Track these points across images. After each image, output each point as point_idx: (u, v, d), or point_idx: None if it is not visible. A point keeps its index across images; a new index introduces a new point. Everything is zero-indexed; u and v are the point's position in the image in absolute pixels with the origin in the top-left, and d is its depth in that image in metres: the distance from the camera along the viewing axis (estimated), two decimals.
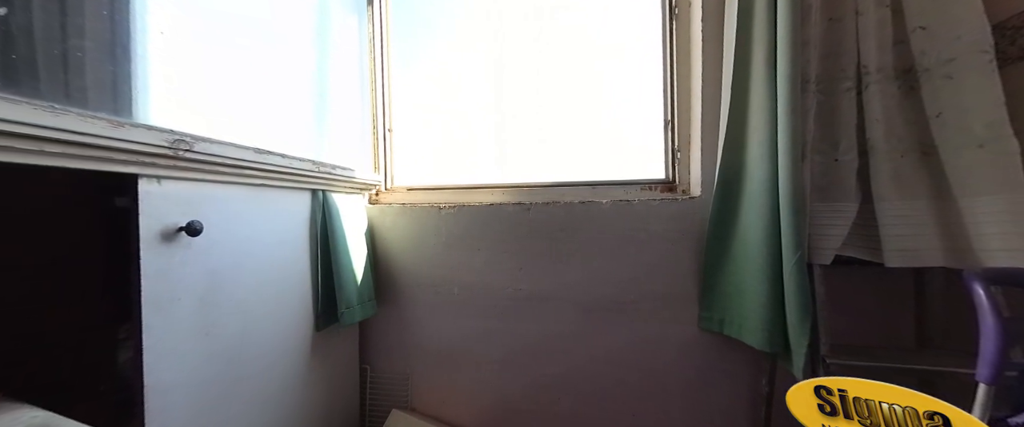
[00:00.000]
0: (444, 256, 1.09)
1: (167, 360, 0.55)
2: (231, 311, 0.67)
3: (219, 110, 0.65)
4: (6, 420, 0.42)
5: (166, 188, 0.55)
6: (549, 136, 1.15)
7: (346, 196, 1.02)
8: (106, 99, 0.50)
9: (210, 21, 0.65)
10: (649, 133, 1.06)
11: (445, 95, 1.24)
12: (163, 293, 0.55)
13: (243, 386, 0.69)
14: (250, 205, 0.72)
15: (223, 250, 0.65)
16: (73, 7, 0.48)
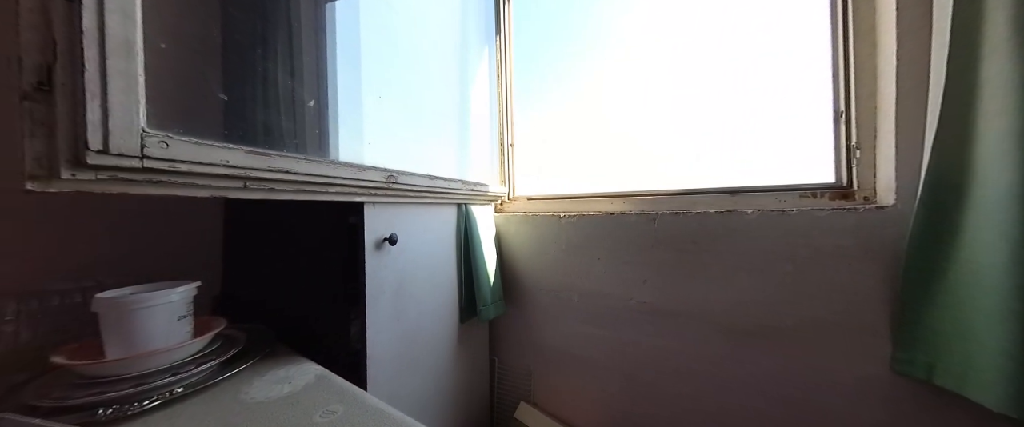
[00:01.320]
0: (564, 263, 1.14)
1: (377, 336, 0.75)
2: (411, 302, 0.85)
3: (405, 146, 0.84)
4: (302, 368, 0.64)
5: (378, 210, 0.75)
6: (676, 139, 1.09)
7: (480, 207, 1.17)
8: (352, 149, 0.71)
9: (399, 79, 0.85)
10: (807, 128, 0.90)
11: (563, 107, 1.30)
12: (375, 287, 0.75)
13: (417, 361, 0.87)
14: (421, 219, 0.90)
15: (407, 255, 0.84)
16: (330, 93, 0.70)
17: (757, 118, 0.97)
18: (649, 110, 1.14)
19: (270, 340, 0.70)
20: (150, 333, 0.55)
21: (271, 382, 0.59)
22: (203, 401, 0.53)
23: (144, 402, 0.49)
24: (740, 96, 0.99)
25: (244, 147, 0.43)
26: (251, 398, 0.54)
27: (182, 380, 0.55)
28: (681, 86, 1.08)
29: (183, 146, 0.37)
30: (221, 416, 0.49)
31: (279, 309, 0.81)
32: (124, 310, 0.53)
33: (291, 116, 0.64)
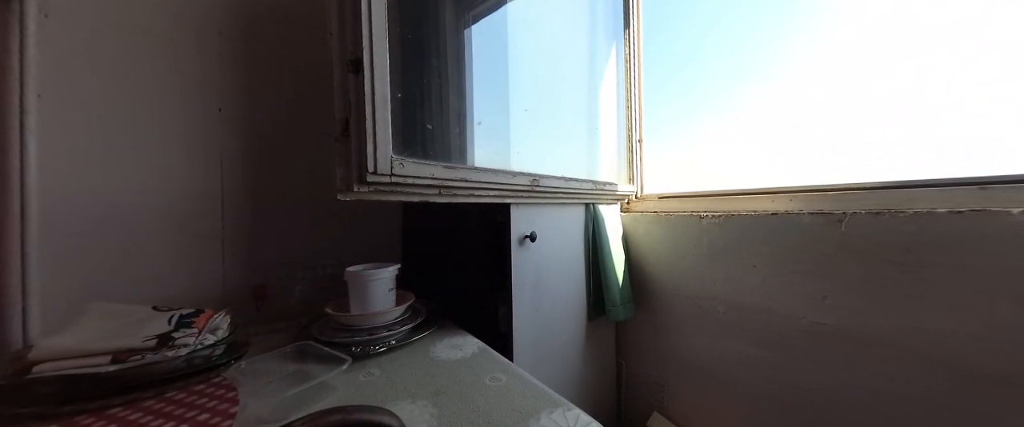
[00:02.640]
0: (706, 269, 1.04)
1: (521, 322, 0.85)
2: (545, 296, 0.93)
3: (544, 151, 0.92)
4: (467, 340, 0.78)
5: (521, 210, 0.85)
6: (868, 118, 0.86)
7: (607, 206, 1.17)
8: (502, 157, 0.83)
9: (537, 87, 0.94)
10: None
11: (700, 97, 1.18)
12: (518, 279, 0.85)
13: (552, 352, 0.95)
14: (554, 218, 0.97)
15: (542, 252, 0.92)
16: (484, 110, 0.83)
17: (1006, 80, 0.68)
18: (824, 87, 0.93)
19: (441, 315, 0.88)
20: (375, 298, 0.77)
21: (448, 347, 0.74)
22: (408, 352, 0.71)
23: (377, 347, 0.69)
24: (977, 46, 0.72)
25: (441, 163, 0.57)
26: (437, 356, 0.69)
27: (393, 335, 0.75)
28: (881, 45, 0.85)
29: (410, 165, 0.52)
30: (422, 365, 0.65)
31: (442, 290, 1.00)
32: (362, 280, 0.77)
33: (460, 133, 0.79)
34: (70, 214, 0.74)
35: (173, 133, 0.86)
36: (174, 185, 0.86)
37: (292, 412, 0.50)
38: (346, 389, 0.57)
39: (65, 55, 0.74)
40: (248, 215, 0.96)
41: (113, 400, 0.52)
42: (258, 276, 0.96)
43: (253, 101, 0.97)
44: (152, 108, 0.83)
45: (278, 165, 1.01)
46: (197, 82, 0.89)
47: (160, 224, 0.84)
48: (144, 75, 0.82)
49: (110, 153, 0.78)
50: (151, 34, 0.83)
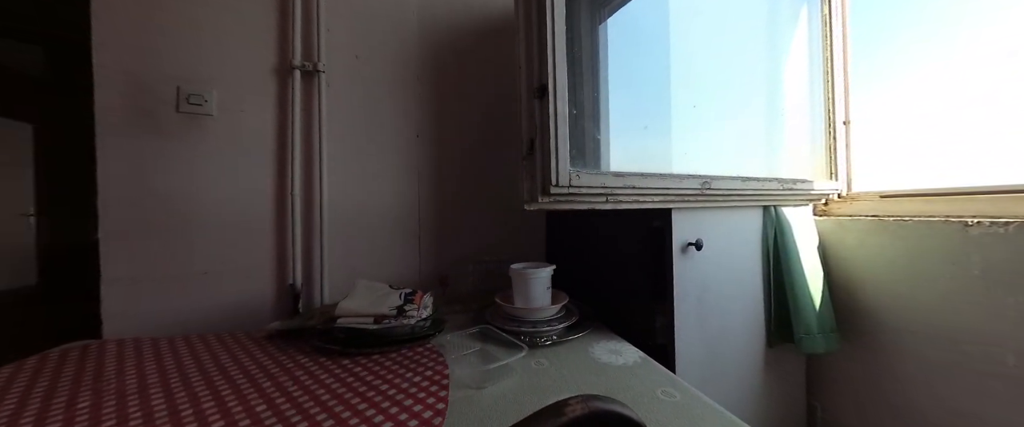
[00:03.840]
0: (973, 299, 0.73)
1: (683, 337, 0.79)
2: (713, 311, 0.83)
3: (716, 148, 0.83)
4: (624, 347, 0.77)
5: (684, 215, 0.78)
6: None
7: (793, 209, 0.96)
8: (665, 159, 0.80)
9: (703, 82, 0.85)
10: None
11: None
12: (681, 289, 0.79)
13: (721, 376, 0.84)
14: (724, 224, 0.85)
15: (710, 261, 0.82)
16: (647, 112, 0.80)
17: None
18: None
19: (593, 318, 0.90)
20: (536, 295, 0.85)
21: (606, 351, 0.75)
22: (568, 349, 0.76)
23: (544, 340, 0.76)
24: None
25: (611, 172, 0.59)
26: (598, 358, 0.71)
27: (553, 331, 0.81)
28: None
29: (585, 176, 0.56)
30: (584, 364, 0.69)
31: (587, 291, 1.02)
32: (525, 277, 0.86)
33: (623, 139, 0.80)
34: (342, 219, 1.10)
35: (390, 156, 1.16)
36: (391, 196, 1.16)
37: (488, 382, 0.61)
38: (524, 373, 0.65)
39: (339, 108, 1.09)
40: (436, 219, 1.21)
41: (373, 349, 0.74)
42: (443, 267, 1.20)
43: (440, 129, 1.22)
44: (381, 139, 1.15)
45: (456, 179, 1.24)
46: (403, 116, 1.17)
47: (385, 225, 1.15)
48: (378, 116, 1.14)
49: (362, 174, 1.12)
50: (379, 85, 1.15)
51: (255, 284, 1.01)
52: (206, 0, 0.96)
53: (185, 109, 0.94)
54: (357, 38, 1.11)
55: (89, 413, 0.52)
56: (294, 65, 1.02)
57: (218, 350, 0.75)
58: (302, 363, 0.69)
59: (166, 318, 0.92)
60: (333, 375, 0.64)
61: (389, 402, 0.55)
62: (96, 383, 0.60)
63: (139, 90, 0.91)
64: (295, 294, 1.02)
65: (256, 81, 1.01)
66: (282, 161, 1.03)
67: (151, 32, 0.91)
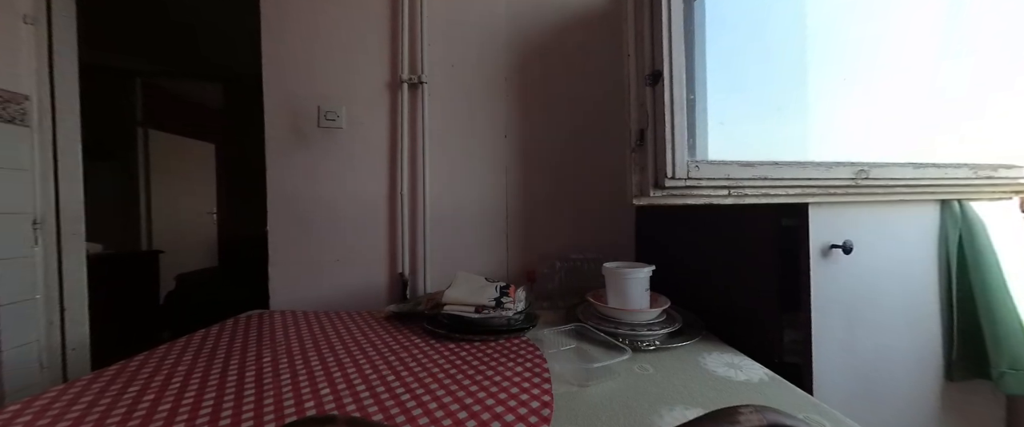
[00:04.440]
0: None
1: (825, 357, 0.66)
2: (867, 329, 0.68)
3: (875, 126, 0.68)
4: (744, 362, 0.68)
5: (825, 211, 0.66)
6: None
7: (990, 203, 0.73)
8: (799, 144, 0.68)
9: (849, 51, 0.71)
10: None
11: None
12: (821, 300, 0.66)
13: (876, 410, 0.68)
14: (884, 223, 0.69)
15: (861, 268, 0.68)
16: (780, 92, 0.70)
17: None
18: None
19: (700, 327, 0.82)
20: (633, 296, 0.81)
21: (721, 363, 0.67)
22: (674, 357, 0.70)
23: (646, 344, 0.72)
24: None
25: (736, 161, 0.52)
26: (712, 370, 0.64)
27: (654, 336, 0.75)
28: None
29: (705, 167, 0.51)
30: (696, 375, 0.62)
31: (690, 297, 0.92)
32: (622, 277, 0.82)
33: (749, 125, 0.71)
34: (441, 216, 1.19)
35: (481, 157, 1.22)
36: (481, 195, 1.22)
37: (590, 381, 0.60)
38: (627, 377, 0.62)
39: (438, 115, 1.19)
40: (523, 216, 1.24)
41: (474, 336, 0.79)
42: (530, 263, 1.22)
43: (526, 128, 1.24)
44: (473, 141, 1.22)
45: (542, 177, 1.25)
46: (493, 118, 1.23)
47: (476, 221, 1.22)
48: (471, 119, 1.22)
49: (457, 175, 1.21)
50: (472, 90, 1.22)
51: (372, 271, 1.16)
52: (338, 27, 1.14)
53: (324, 124, 1.13)
54: (453, 48, 1.20)
55: (271, 364, 0.66)
56: (402, 79, 1.15)
57: (350, 324, 0.88)
58: (416, 343, 0.77)
59: (311, 295, 1.12)
60: (443, 356, 0.70)
61: (497, 388, 0.57)
62: (272, 342, 0.76)
63: (293, 112, 1.13)
64: (404, 282, 1.14)
65: (374, 96, 1.16)
66: (392, 164, 1.17)
67: (301, 64, 1.13)
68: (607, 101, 1.26)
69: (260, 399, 0.54)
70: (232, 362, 0.67)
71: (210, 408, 0.51)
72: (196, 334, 0.80)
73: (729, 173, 0.51)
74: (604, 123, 1.27)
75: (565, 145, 1.26)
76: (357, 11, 1.15)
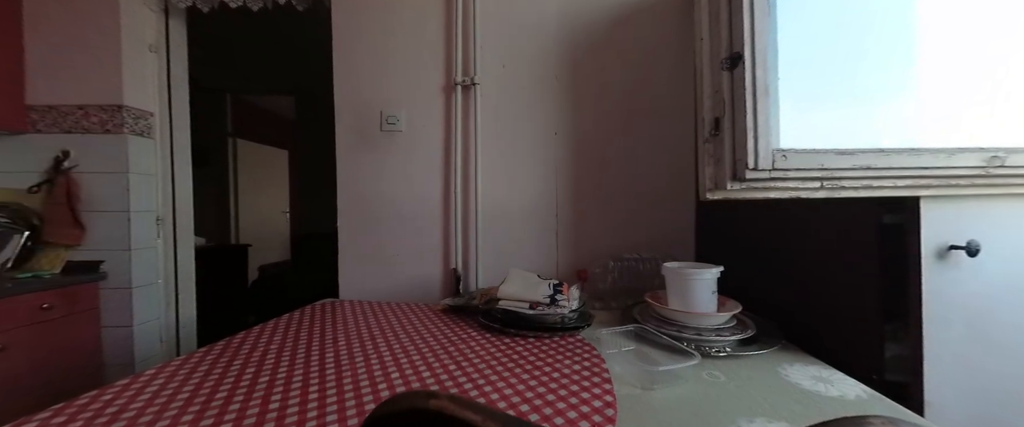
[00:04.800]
0: None
1: (940, 377, 0.56)
2: (996, 348, 0.57)
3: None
4: (834, 375, 0.61)
5: (940, 206, 0.56)
6: None
7: None
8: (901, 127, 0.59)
9: None
10: None
11: None
12: (935, 310, 0.57)
13: None
14: (1019, 221, 0.57)
15: (991, 274, 0.57)
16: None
17: None
18: None
19: (778, 336, 0.74)
20: (698, 298, 0.76)
21: (806, 376, 0.60)
22: (747, 366, 0.64)
23: (716, 350, 0.67)
24: None
25: (833, 148, 0.47)
26: (796, 383, 0.58)
27: (724, 342, 0.70)
28: None
29: (795, 157, 0.46)
30: (777, 387, 0.57)
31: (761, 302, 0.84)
32: (686, 278, 0.77)
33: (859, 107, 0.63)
34: (491, 213, 1.22)
35: (530, 155, 1.23)
36: (531, 192, 1.23)
37: (655, 385, 0.57)
38: (695, 383, 0.58)
39: (489, 115, 1.22)
40: (573, 213, 1.22)
41: (528, 332, 0.80)
42: (580, 262, 1.20)
43: (577, 124, 1.22)
44: (522, 139, 1.23)
45: (593, 173, 1.22)
46: (542, 115, 1.22)
47: (525, 219, 1.22)
48: (521, 118, 1.22)
49: (507, 173, 1.22)
50: (522, 89, 1.22)
51: (427, 266, 1.22)
52: (399, 38, 1.21)
53: (385, 128, 1.21)
54: (504, 49, 1.21)
55: (346, 348, 0.72)
56: (456, 82, 1.19)
57: (409, 315, 0.94)
58: (471, 335, 0.79)
59: (374, 286, 1.21)
60: (499, 349, 0.71)
61: (557, 384, 0.57)
62: (344, 328, 0.83)
63: (358, 118, 1.22)
64: (457, 277, 1.18)
65: (430, 100, 1.22)
66: (446, 164, 1.22)
67: (366, 74, 1.22)
68: (663, 93, 1.20)
69: (339, 378, 0.59)
70: (314, 343, 0.74)
71: (299, 382, 0.57)
72: (282, 318, 0.90)
73: (823, 163, 0.45)
74: (660, 116, 1.20)
75: (617, 141, 1.22)
76: (416, 22, 1.21)
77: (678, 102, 1.19)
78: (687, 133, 1.19)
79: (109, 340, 1.20)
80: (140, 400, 0.51)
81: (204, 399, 0.52)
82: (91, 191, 1.19)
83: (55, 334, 1.07)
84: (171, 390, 0.54)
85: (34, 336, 1.02)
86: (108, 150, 1.19)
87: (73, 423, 0.46)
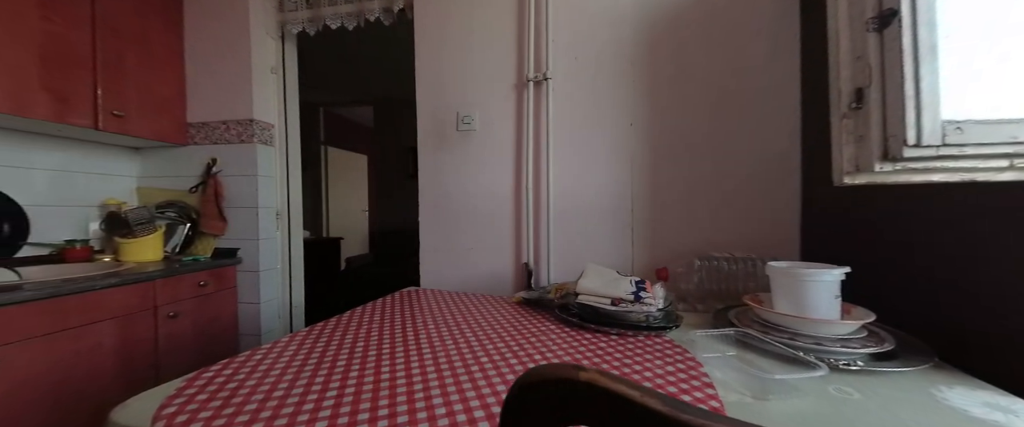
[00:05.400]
0: None
1: None
2: None
3: None
4: (1018, 406, 0.48)
5: None
6: None
7: None
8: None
9: None
10: None
11: None
12: None
13: None
14: None
15: None
16: None
17: None
18: None
19: (928, 353, 0.61)
20: (817, 303, 0.66)
21: (975, 402, 0.49)
22: (887, 384, 0.54)
23: (845, 363, 0.58)
24: None
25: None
26: (962, 410, 0.47)
27: (855, 355, 0.60)
28: None
29: (974, 129, 0.38)
30: (935, 411, 0.47)
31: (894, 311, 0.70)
32: (799, 280, 0.68)
33: None
34: (563, 208, 1.21)
35: (604, 148, 1.19)
36: (604, 187, 1.19)
37: (770, 395, 0.51)
38: (819, 399, 0.51)
39: (560, 109, 1.21)
40: (651, 208, 1.15)
41: (610, 329, 0.77)
42: (660, 260, 1.12)
43: (656, 113, 1.15)
44: (595, 132, 1.19)
45: (675, 165, 1.14)
46: (617, 106, 1.17)
47: (598, 214, 1.19)
48: (593, 110, 1.19)
49: (579, 167, 1.20)
50: (595, 80, 1.19)
51: (499, 260, 1.26)
52: (474, 42, 1.27)
53: (461, 128, 1.27)
54: (576, 40, 1.19)
55: (424, 327, 0.77)
56: (528, 78, 1.20)
57: (487, 305, 0.97)
58: (550, 328, 0.79)
59: (450, 277, 1.28)
60: (582, 344, 0.70)
61: (651, 384, 0.54)
62: (430, 313, 0.89)
63: (437, 121, 1.30)
64: (528, 271, 1.20)
65: (502, 98, 1.25)
66: (518, 160, 1.24)
67: (444, 78, 1.29)
68: (756, 68, 1.07)
69: (434, 356, 0.63)
70: (408, 324, 0.81)
71: (402, 356, 0.63)
72: (377, 301, 1.00)
73: (1016, 134, 0.36)
74: (753, 96, 1.08)
75: (702, 127, 1.12)
76: (490, 25, 1.25)
77: (776, 78, 1.05)
78: (789, 112, 1.05)
79: (243, 314, 1.46)
80: (284, 358, 0.61)
81: (330, 361, 0.60)
82: (231, 191, 1.46)
83: (209, 306, 1.33)
84: (304, 353, 0.64)
85: (195, 307, 1.28)
86: (242, 157, 1.44)
87: (238, 373, 0.56)
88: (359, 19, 1.43)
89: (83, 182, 1.38)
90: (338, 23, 1.43)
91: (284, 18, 1.50)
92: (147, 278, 1.12)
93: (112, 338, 1.02)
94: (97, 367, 0.99)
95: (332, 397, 0.50)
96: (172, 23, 1.44)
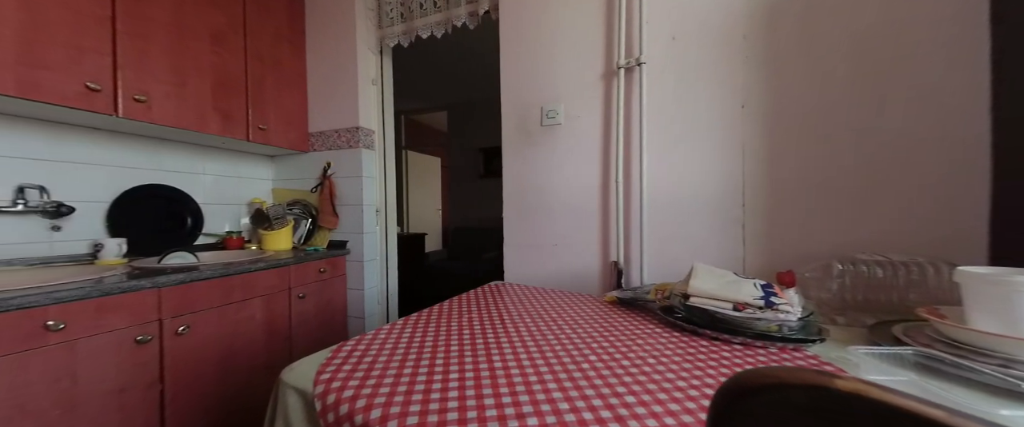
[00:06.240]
0: None
1: None
2: None
3: None
4: None
5: None
6: None
7: None
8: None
9: None
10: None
11: None
12: None
13: None
14: None
15: None
16: None
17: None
18: None
19: None
20: None
21: None
22: None
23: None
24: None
25: None
26: None
27: None
28: None
29: None
30: None
31: None
32: (1011, 289, 0.52)
33: None
34: (659, 204, 1.11)
35: (706, 135, 1.06)
36: (708, 179, 1.06)
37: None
38: None
39: (655, 95, 1.12)
40: (767, 202, 1.00)
41: (733, 337, 0.68)
42: (781, 262, 0.97)
43: (774, 93, 1.00)
44: (696, 119, 1.08)
45: (798, 152, 0.97)
46: (724, 87, 1.04)
47: (701, 210, 1.07)
48: (693, 94, 1.08)
49: (677, 158, 1.10)
50: (697, 60, 1.07)
51: (586, 257, 1.21)
52: (559, 34, 1.24)
53: (545, 123, 1.26)
54: (674, 18, 1.09)
55: (521, 320, 0.77)
56: (619, 65, 1.14)
57: (577, 303, 0.94)
58: (656, 331, 0.73)
59: (534, 272, 1.28)
60: (701, 352, 0.63)
61: None
62: (518, 307, 0.90)
63: (521, 117, 1.31)
64: (618, 270, 1.14)
65: (588, 89, 1.21)
66: (606, 153, 1.18)
67: (527, 75, 1.30)
68: (925, 21, 0.85)
69: (540, 349, 0.62)
70: (504, 316, 0.82)
71: (508, 346, 0.64)
72: (470, 293, 1.04)
73: None
74: (917, 62, 0.86)
75: (838, 106, 0.93)
76: (576, 13, 1.22)
77: (953, 39, 0.83)
78: (975, 74, 0.82)
79: (351, 299, 1.65)
80: (404, 338, 0.67)
81: (444, 344, 0.64)
82: (341, 190, 1.66)
83: (326, 290, 1.54)
84: (420, 335, 0.69)
85: (317, 290, 1.49)
86: (350, 160, 1.63)
87: (370, 349, 0.62)
88: (446, 26, 1.51)
89: (235, 184, 1.71)
90: (428, 32, 1.54)
91: (382, 33, 1.66)
92: (284, 264, 1.33)
93: (261, 312, 1.24)
94: (250, 334, 1.20)
95: (455, 377, 0.52)
96: (297, 48, 1.69)
